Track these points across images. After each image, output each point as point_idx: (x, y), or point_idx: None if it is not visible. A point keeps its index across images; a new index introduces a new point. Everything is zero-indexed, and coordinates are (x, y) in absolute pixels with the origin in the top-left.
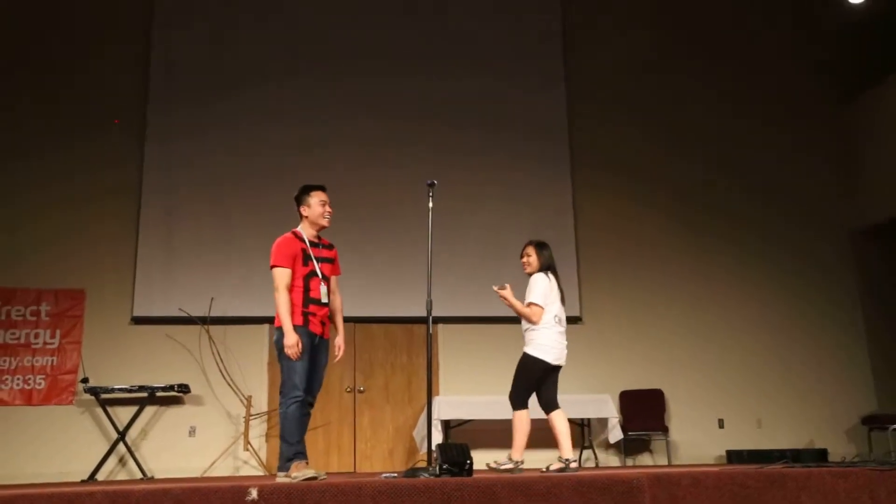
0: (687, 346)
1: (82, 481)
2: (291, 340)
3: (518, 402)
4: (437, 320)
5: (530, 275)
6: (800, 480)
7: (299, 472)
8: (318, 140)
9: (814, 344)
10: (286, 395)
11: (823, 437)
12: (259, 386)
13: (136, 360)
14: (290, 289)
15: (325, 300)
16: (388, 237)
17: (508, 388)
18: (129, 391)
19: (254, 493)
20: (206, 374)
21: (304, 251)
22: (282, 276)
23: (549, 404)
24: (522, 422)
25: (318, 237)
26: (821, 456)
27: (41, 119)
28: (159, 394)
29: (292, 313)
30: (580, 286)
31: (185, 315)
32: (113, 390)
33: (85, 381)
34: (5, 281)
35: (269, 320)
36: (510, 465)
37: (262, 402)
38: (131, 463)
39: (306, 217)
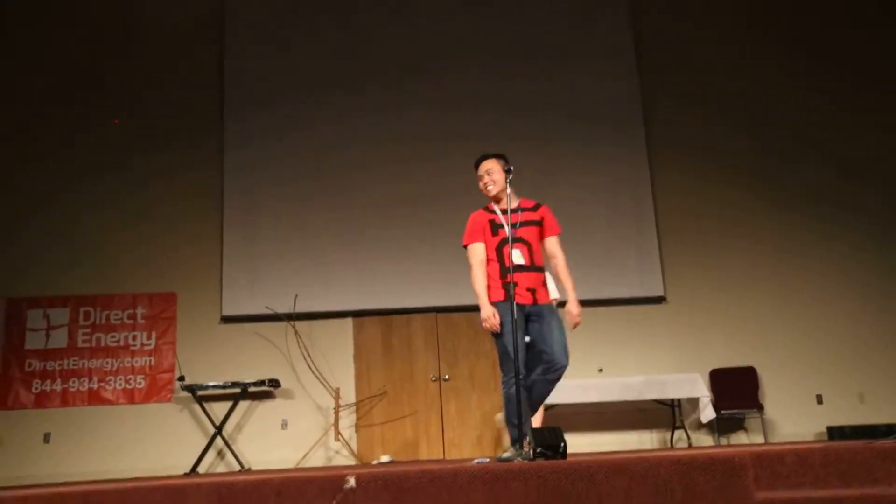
0: (778, 321)
1: (185, 474)
2: (486, 313)
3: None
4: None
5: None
6: None
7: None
8: (392, 135)
9: None
10: (504, 375)
11: None
12: (346, 378)
13: (228, 358)
14: (487, 262)
15: (527, 264)
16: (462, 227)
17: (594, 371)
18: (223, 388)
19: (351, 481)
20: (294, 369)
21: (492, 221)
22: (472, 252)
23: None
24: None
25: (518, 204)
26: None
27: (128, 131)
28: (251, 389)
29: (490, 288)
30: (663, 266)
31: (272, 312)
32: (207, 387)
33: (181, 379)
34: (104, 288)
35: (353, 314)
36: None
37: (349, 394)
38: (229, 456)
39: None
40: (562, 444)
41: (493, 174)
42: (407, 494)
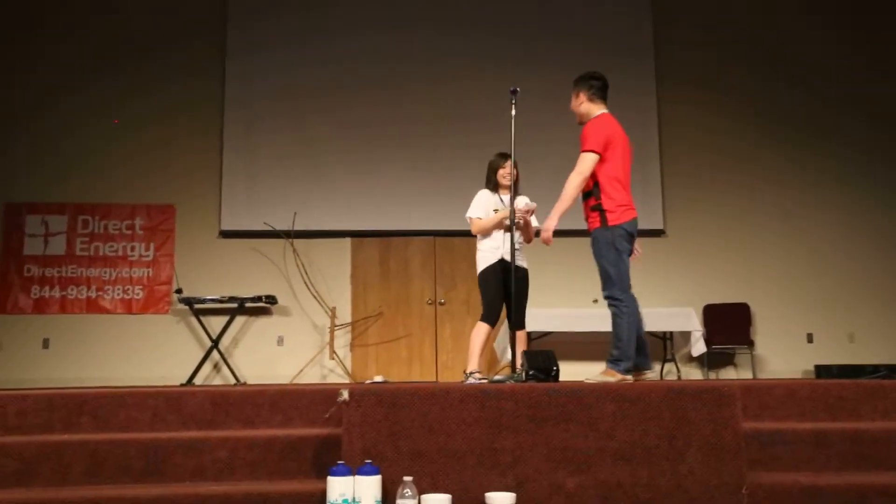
0: (774, 259)
1: (181, 385)
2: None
3: None
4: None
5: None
6: None
7: (611, 378)
8: (397, 53)
9: None
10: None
11: None
12: (343, 297)
13: (226, 273)
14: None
15: None
16: (468, 150)
17: (589, 301)
18: (220, 302)
19: (345, 395)
20: (291, 286)
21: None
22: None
23: None
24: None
25: None
26: None
27: (125, 36)
28: (248, 304)
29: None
30: (664, 199)
31: (270, 229)
32: (205, 301)
33: (179, 291)
34: (102, 196)
35: (351, 234)
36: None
37: (345, 314)
38: (225, 369)
39: None
40: (554, 368)
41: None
42: (400, 410)
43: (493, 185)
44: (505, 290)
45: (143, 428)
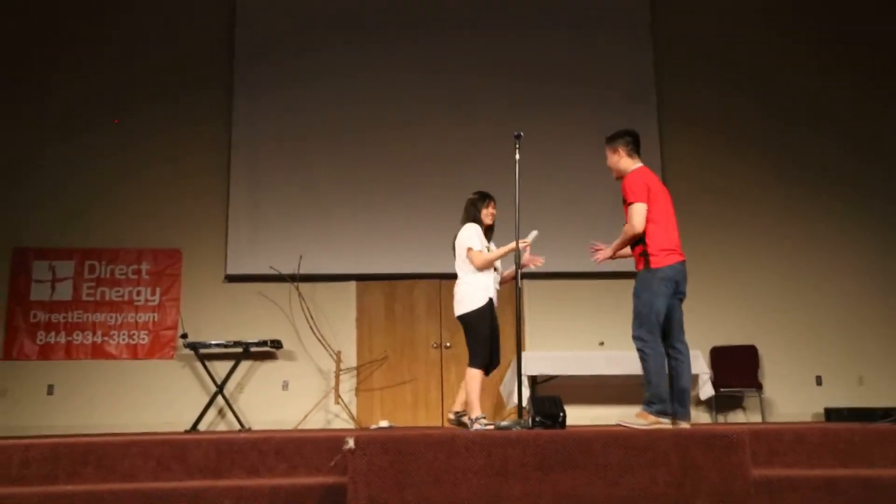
0: (782, 300)
1: (186, 431)
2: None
3: None
4: (523, 276)
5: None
6: None
7: (643, 420)
8: (402, 95)
9: None
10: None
11: None
12: (348, 341)
13: (231, 317)
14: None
15: None
16: (469, 192)
17: (595, 343)
18: (226, 346)
19: (351, 443)
20: (297, 330)
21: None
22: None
23: None
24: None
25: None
26: None
27: (131, 79)
28: (253, 349)
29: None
30: None
31: (276, 273)
32: (210, 345)
33: (184, 336)
34: (109, 241)
35: (356, 277)
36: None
37: (351, 357)
38: (230, 415)
39: None
40: (561, 414)
41: (609, 161)
42: (405, 458)
43: (476, 222)
44: (492, 333)
45: (147, 477)
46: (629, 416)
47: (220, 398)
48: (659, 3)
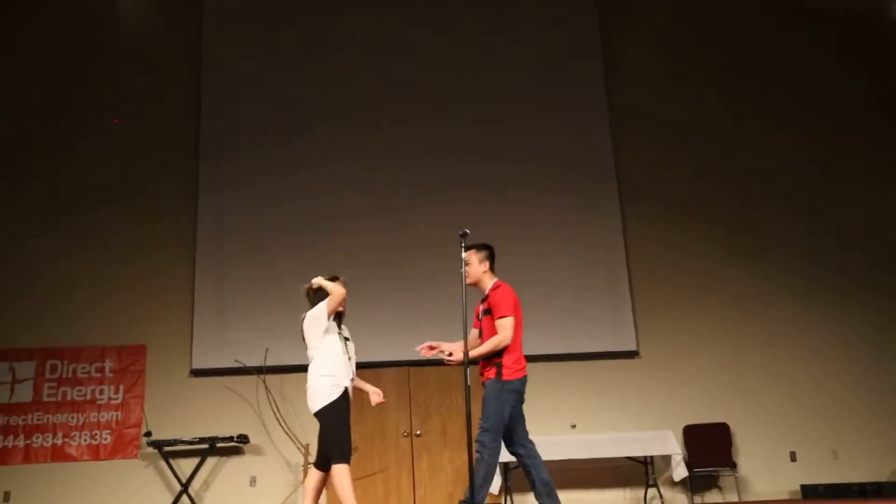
0: (752, 377)
1: None
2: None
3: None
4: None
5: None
6: None
7: None
8: (364, 184)
9: (890, 370)
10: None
11: None
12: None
13: (197, 412)
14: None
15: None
16: (438, 278)
17: (566, 427)
18: (191, 443)
19: None
20: (264, 424)
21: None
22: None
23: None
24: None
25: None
26: None
27: (94, 176)
28: (220, 444)
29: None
30: (636, 320)
31: (242, 366)
32: (175, 443)
33: (148, 434)
34: (71, 339)
35: None
36: None
37: None
38: None
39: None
40: None
41: (469, 264)
42: None
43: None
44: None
45: None
46: None
47: (185, 498)
48: (612, 84)
